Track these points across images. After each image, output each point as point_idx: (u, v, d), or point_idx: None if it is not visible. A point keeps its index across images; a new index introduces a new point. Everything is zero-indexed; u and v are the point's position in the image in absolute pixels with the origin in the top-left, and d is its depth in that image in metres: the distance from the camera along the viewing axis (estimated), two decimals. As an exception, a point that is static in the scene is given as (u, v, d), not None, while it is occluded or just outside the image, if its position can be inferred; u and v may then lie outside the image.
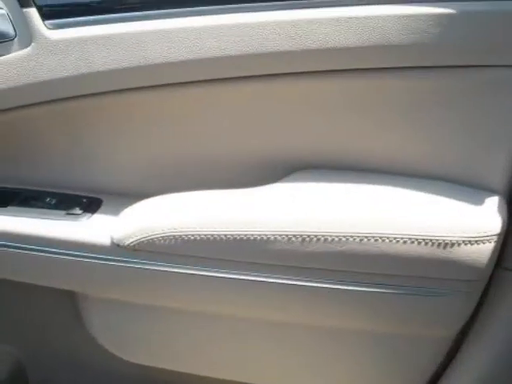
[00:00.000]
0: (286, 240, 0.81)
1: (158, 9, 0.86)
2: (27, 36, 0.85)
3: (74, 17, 0.86)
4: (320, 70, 0.85)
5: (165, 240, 0.83)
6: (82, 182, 0.97)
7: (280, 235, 0.81)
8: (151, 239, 0.83)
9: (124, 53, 0.84)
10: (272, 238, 0.81)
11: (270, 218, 0.83)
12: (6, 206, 0.92)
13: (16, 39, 0.85)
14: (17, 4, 0.85)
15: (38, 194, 0.95)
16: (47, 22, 0.86)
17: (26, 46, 0.85)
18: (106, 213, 0.92)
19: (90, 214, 0.92)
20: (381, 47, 0.82)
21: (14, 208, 0.92)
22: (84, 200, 0.94)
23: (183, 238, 0.83)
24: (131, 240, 0.84)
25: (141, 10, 0.86)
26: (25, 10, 0.85)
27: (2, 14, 0.84)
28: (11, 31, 0.85)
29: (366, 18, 0.82)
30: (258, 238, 0.81)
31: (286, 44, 0.83)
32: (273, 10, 0.84)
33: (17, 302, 1.01)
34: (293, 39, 0.83)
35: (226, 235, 0.82)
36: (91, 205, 0.93)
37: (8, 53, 0.85)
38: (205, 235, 0.82)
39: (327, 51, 0.83)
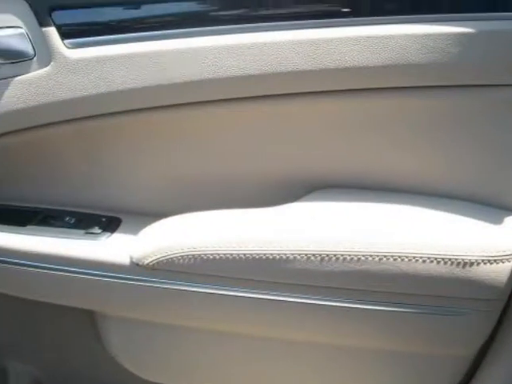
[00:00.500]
0: (305, 259, 0.81)
1: (177, 28, 0.85)
2: (46, 55, 0.85)
3: (93, 36, 0.86)
4: (339, 89, 0.86)
5: (184, 259, 0.83)
6: (101, 201, 0.97)
7: (299, 254, 0.81)
8: (170, 258, 0.83)
9: (143, 72, 0.84)
10: (291, 257, 0.81)
11: (289, 237, 0.83)
12: (25, 225, 0.92)
13: (35, 58, 0.85)
14: (36, 23, 0.85)
15: (57, 213, 0.96)
16: (66, 41, 0.85)
17: (46, 65, 0.85)
18: (125, 232, 0.92)
19: (109, 233, 0.92)
20: (400, 66, 0.82)
21: (33, 227, 0.92)
22: (103, 219, 0.94)
23: (202, 257, 0.83)
24: (150, 259, 0.84)
25: (160, 29, 0.86)
26: (44, 29, 0.85)
27: (21, 33, 0.85)
28: (30, 50, 0.85)
29: (384, 37, 0.82)
30: (277, 257, 0.81)
31: (304, 63, 0.83)
32: (292, 29, 0.84)
33: (35, 321, 1.01)
34: (312, 58, 0.83)
35: (244, 254, 0.82)
36: (110, 224, 0.94)
37: (27, 72, 0.85)
38: (224, 254, 0.82)
39: (346, 70, 0.83)
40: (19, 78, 0.85)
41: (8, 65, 0.85)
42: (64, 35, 0.85)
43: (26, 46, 0.85)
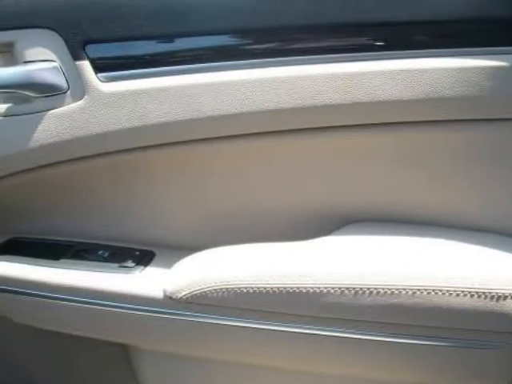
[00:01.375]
0: (339, 293, 0.81)
1: (210, 62, 0.85)
2: (80, 89, 0.85)
3: (126, 69, 0.86)
4: (372, 122, 0.86)
5: (217, 293, 0.83)
6: (135, 235, 0.98)
7: (333, 288, 0.81)
8: (204, 292, 0.83)
9: (176, 105, 0.84)
10: (325, 290, 0.81)
11: (323, 270, 0.83)
12: (58, 259, 0.93)
13: (69, 92, 0.85)
14: (70, 56, 0.85)
15: (90, 246, 0.96)
16: (100, 74, 0.86)
17: (79, 99, 0.85)
18: (158, 266, 0.92)
19: (142, 267, 0.92)
20: (433, 100, 0.82)
21: (67, 261, 0.92)
22: (137, 253, 0.94)
23: (235, 291, 0.83)
24: (184, 293, 0.84)
25: (193, 62, 0.86)
26: (78, 62, 0.85)
27: (55, 67, 0.85)
28: (64, 84, 0.85)
29: (418, 70, 0.82)
30: (311, 290, 0.81)
31: (338, 97, 0.83)
32: (325, 62, 0.84)
33: (69, 355, 1.02)
34: (345, 92, 0.83)
35: (278, 288, 0.82)
36: (144, 257, 0.94)
37: (61, 106, 0.85)
38: (257, 288, 0.82)
39: (379, 104, 0.83)
40: (53, 111, 0.85)
41: (42, 98, 0.85)
42: (97, 69, 0.86)
43: (59, 80, 0.85)
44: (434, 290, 0.79)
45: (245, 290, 0.82)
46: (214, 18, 0.84)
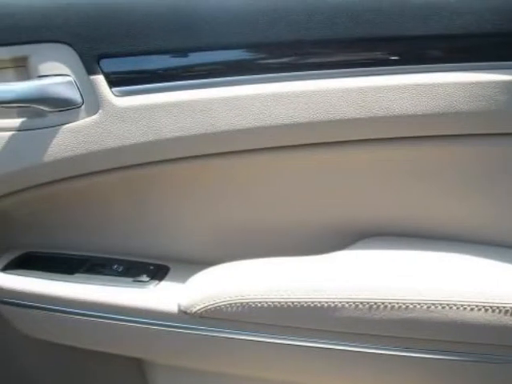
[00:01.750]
0: (354, 307, 0.81)
1: (225, 76, 0.85)
2: (94, 103, 0.85)
3: (141, 84, 0.86)
4: (387, 137, 0.86)
5: (231, 307, 0.83)
6: (149, 249, 0.98)
7: (347, 302, 0.81)
8: (218, 306, 0.83)
9: (191, 120, 0.84)
10: (339, 305, 0.81)
11: (337, 285, 0.83)
12: (73, 274, 0.93)
13: (83, 106, 0.85)
14: (84, 71, 0.85)
15: (104, 260, 0.96)
16: (114, 89, 0.86)
17: (94, 114, 0.85)
18: (173, 280, 0.92)
19: (157, 281, 0.92)
20: (448, 114, 0.82)
21: (81, 275, 0.93)
22: (151, 267, 0.94)
23: (250, 305, 0.83)
24: (198, 307, 0.84)
25: (207, 77, 0.86)
26: (92, 77, 0.85)
27: (69, 81, 0.85)
28: (78, 98, 0.85)
29: (432, 85, 0.82)
30: (325, 305, 0.81)
31: (353, 111, 0.83)
32: (340, 77, 0.84)
33: (84, 369, 1.01)
34: (360, 106, 0.83)
35: (292, 302, 0.82)
36: (158, 272, 0.94)
37: (75, 120, 0.86)
38: (272, 302, 0.82)
39: (394, 118, 0.83)
40: (67, 126, 0.86)
41: (56, 113, 0.86)
42: (112, 83, 0.86)
43: (74, 94, 0.85)
44: (448, 305, 0.79)
45: (259, 305, 0.82)
46: (229, 32, 0.84)
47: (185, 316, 0.85)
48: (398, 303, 0.80)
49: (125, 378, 1.02)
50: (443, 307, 0.79)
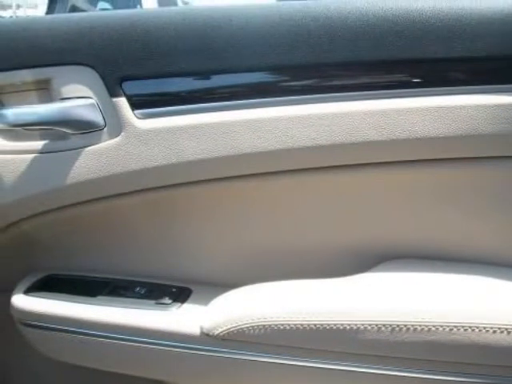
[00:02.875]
0: (376, 330, 0.80)
1: (247, 98, 0.86)
2: (117, 125, 0.85)
3: (163, 106, 0.86)
4: (409, 159, 0.86)
5: (254, 329, 0.83)
6: (172, 272, 0.98)
7: (370, 325, 0.81)
8: (240, 329, 0.83)
9: (213, 142, 0.85)
10: (362, 327, 0.81)
11: (360, 307, 0.83)
12: (95, 296, 0.93)
13: (105, 129, 0.86)
14: (106, 93, 0.86)
15: (127, 283, 0.96)
16: (137, 111, 0.86)
17: (116, 136, 0.86)
18: (195, 302, 0.92)
19: (179, 304, 0.92)
20: (470, 137, 0.82)
21: (104, 297, 0.92)
22: (173, 289, 0.94)
23: (272, 328, 0.82)
24: (220, 330, 0.84)
25: (229, 99, 0.86)
26: (114, 99, 0.86)
27: (92, 104, 0.86)
28: (101, 121, 0.86)
29: (455, 107, 0.82)
30: (348, 327, 0.81)
31: (375, 134, 0.83)
32: (362, 99, 0.84)
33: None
34: (382, 129, 0.83)
35: (315, 325, 0.82)
36: (181, 294, 0.94)
37: (98, 142, 0.86)
38: (294, 325, 0.82)
39: (416, 141, 0.83)
40: (90, 148, 0.86)
41: (79, 135, 0.86)
42: (134, 105, 0.86)
43: (96, 117, 0.86)
44: (470, 327, 0.78)
45: (281, 327, 0.82)
46: (251, 55, 0.84)
47: (207, 338, 0.85)
48: (420, 325, 0.79)
49: None
50: (465, 329, 0.79)
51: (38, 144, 0.87)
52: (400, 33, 0.82)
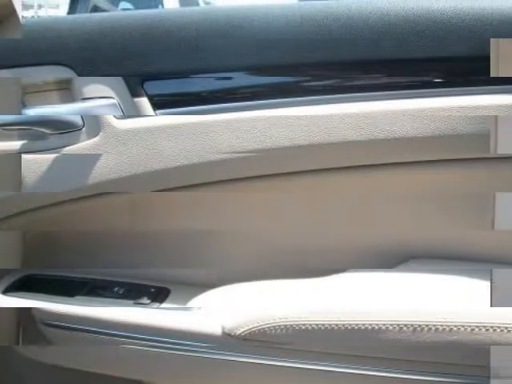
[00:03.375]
0: (398, 330, 0.79)
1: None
2: (95, 126, 0.85)
3: (184, 106, 0.86)
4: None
5: (276, 329, 0.81)
6: (150, 272, 0.97)
7: (391, 325, 0.79)
8: (262, 328, 0.82)
9: (192, 143, 0.84)
10: (383, 327, 0.79)
11: (382, 307, 0.81)
12: (73, 296, 0.92)
13: (84, 129, 0.85)
14: (128, 93, 0.85)
15: (105, 283, 0.95)
16: (158, 111, 0.86)
17: (94, 136, 0.85)
18: (173, 302, 0.92)
19: (158, 304, 0.91)
20: (449, 137, 0.83)
21: (82, 297, 0.92)
22: (152, 289, 0.94)
23: (294, 328, 0.81)
24: (242, 329, 0.82)
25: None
26: (136, 99, 0.85)
27: (113, 104, 0.85)
28: (79, 121, 0.85)
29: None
30: (369, 327, 0.79)
31: (353, 134, 0.83)
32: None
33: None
34: (361, 129, 0.83)
35: (336, 324, 0.80)
36: (159, 294, 0.93)
37: (76, 142, 0.85)
38: (316, 325, 0.80)
39: (395, 141, 0.83)
40: (68, 148, 0.84)
41: (57, 135, 0.84)
42: (156, 105, 0.86)
43: (74, 117, 0.84)
44: (492, 327, 0.77)
45: (303, 327, 0.80)
46: (226, 58, 0.84)
47: (229, 338, 0.84)
48: (441, 325, 0.78)
49: None
50: (487, 329, 0.77)
51: (17, 144, 0.86)
52: (421, 33, 0.82)
